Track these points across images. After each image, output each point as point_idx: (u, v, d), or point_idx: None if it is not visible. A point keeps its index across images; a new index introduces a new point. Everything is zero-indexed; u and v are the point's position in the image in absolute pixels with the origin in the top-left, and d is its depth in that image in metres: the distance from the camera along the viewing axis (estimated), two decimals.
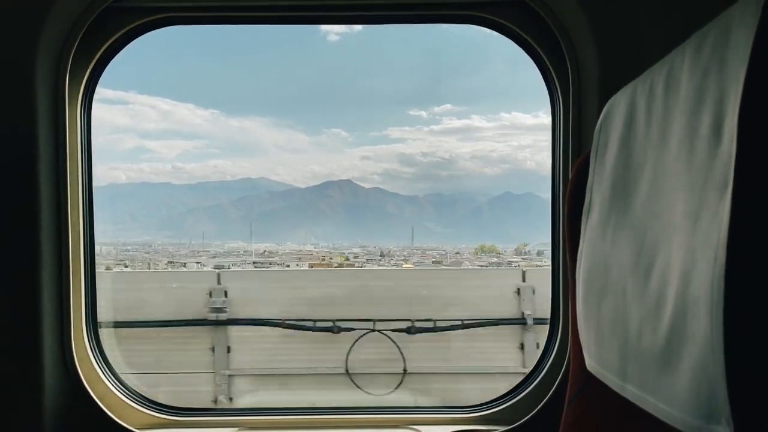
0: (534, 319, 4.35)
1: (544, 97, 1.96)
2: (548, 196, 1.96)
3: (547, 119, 1.95)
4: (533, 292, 4.41)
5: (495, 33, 1.93)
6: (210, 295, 4.43)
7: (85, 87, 1.88)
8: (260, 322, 4.46)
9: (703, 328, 0.68)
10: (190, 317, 4.45)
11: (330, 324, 4.36)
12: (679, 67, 0.81)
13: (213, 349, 4.41)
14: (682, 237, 0.75)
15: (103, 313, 2.04)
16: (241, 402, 4.37)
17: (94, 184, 1.95)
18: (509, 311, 4.45)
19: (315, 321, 4.39)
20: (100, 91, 1.95)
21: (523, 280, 4.49)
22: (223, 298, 4.42)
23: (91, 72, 1.88)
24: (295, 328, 4.40)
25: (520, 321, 4.41)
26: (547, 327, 1.99)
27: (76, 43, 1.79)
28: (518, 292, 4.45)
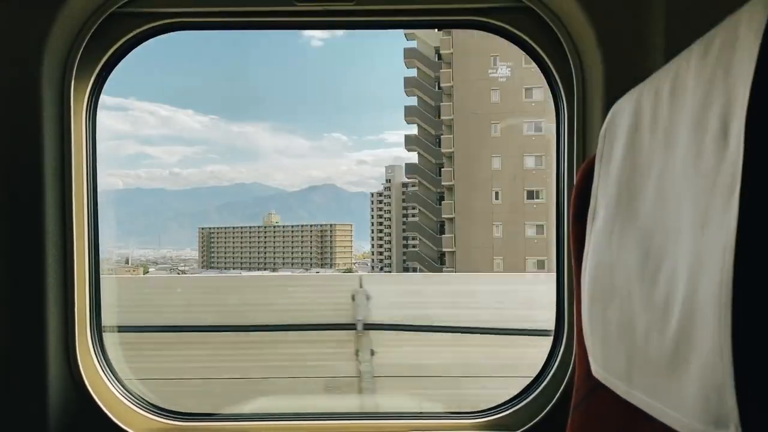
0: None
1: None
2: None
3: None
4: None
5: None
6: None
7: (90, 91, 1.88)
8: None
9: (711, 332, 0.68)
10: None
11: None
12: (685, 72, 0.81)
13: None
14: (689, 241, 0.75)
15: None
16: None
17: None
18: None
19: None
20: (100, 98, 1.95)
21: None
22: None
23: (96, 77, 1.89)
24: None
25: None
26: None
27: (82, 48, 1.80)
28: None
